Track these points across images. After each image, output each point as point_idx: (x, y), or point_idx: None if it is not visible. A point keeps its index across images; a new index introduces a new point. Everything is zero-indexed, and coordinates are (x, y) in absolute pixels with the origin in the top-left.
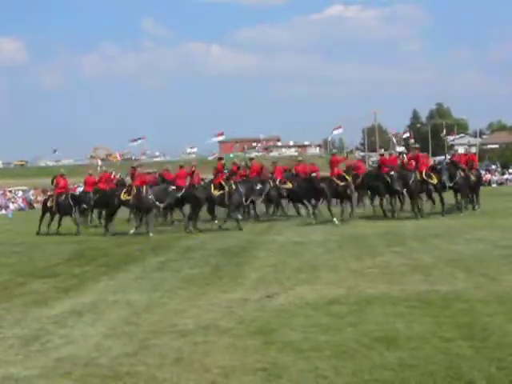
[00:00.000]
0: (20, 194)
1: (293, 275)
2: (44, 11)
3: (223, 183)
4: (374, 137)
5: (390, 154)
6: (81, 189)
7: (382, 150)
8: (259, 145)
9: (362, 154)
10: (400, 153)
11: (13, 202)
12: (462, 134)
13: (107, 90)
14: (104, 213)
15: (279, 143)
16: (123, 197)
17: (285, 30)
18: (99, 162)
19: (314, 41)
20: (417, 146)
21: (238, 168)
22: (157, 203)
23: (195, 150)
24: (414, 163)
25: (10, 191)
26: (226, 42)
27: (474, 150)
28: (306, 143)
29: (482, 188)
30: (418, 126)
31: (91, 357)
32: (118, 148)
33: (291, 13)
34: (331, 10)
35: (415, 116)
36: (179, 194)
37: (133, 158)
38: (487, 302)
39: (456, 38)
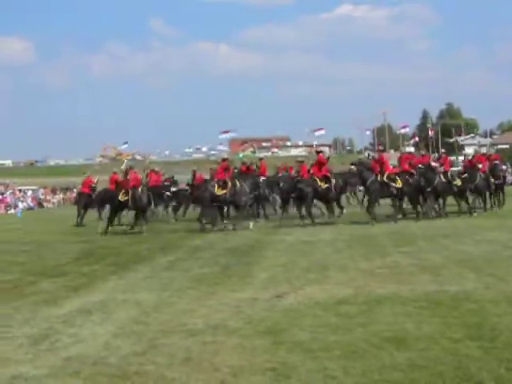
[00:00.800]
0: (29, 193)
1: (302, 275)
2: (51, 11)
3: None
4: (384, 137)
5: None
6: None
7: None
8: (267, 144)
9: (372, 154)
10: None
11: (22, 201)
12: (472, 134)
13: (114, 90)
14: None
15: (288, 143)
16: (121, 198)
17: (292, 29)
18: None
19: (322, 40)
20: (380, 148)
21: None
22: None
23: (204, 149)
24: (378, 167)
25: (20, 190)
26: (233, 41)
27: (484, 150)
28: (315, 143)
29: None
30: (429, 126)
31: (100, 356)
32: (126, 147)
33: (299, 12)
34: (341, 10)
35: (425, 116)
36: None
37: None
38: (496, 302)
39: (463, 37)
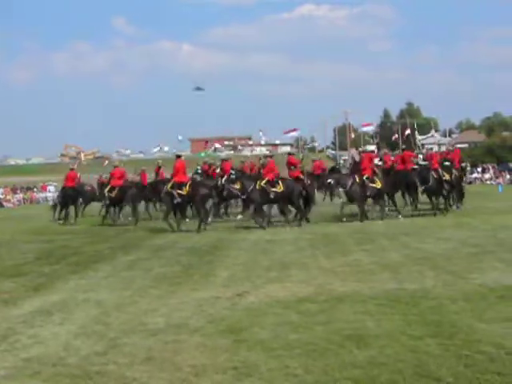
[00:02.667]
0: None
1: (263, 273)
2: (13, 7)
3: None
4: (345, 136)
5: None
6: (52, 187)
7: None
8: (225, 143)
9: (333, 152)
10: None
11: None
12: (431, 134)
13: (77, 88)
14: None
15: (250, 142)
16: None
17: (255, 28)
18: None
19: (284, 40)
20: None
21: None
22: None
23: (166, 148)
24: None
25: None
26: (196, 40)
27: (443, 149)
28: (278, 142)
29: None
30: (389, 124)
31: (60, 356)
32: (87, 146)
33: (261, 12)
34: (302, 9)
35: (386, 115)
36: None
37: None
38: (455, 299)
39: (425, 37)
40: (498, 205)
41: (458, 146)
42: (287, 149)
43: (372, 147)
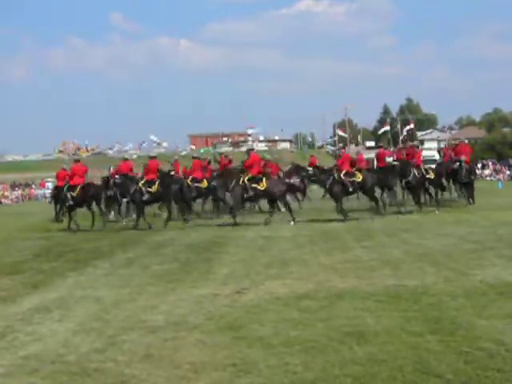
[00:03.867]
0: None
1: (263, 270)
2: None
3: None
4: (345, 131)
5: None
6: (50, 184)
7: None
8: (225, 139)
9: (333, 148)
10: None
11: None
12: (431, 129)
13: (74, 85)
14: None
15: (249, 138)
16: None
17: (253, 24)
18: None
19: (282, 36)
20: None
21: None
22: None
23: (165, 144)
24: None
25: None
26: (195, 36)
27: (442, 145)
28: (277, 138)
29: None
30: (388, 120)
31: (59, 354)
32: (88, 143)
33: (260, 7)
34: (300, 5)
35: (386, 111)
36: None
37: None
38: (455, 296)
39: (423, 32)
40: (498, 201)
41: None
42: (286, 145)
43: (372, 143)
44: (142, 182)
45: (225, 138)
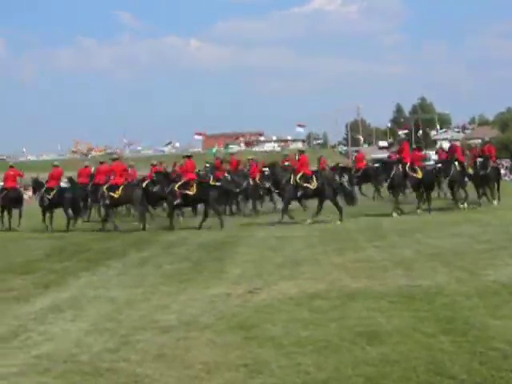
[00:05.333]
0: None
1: (275, 270)
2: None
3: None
4: (358, 131)
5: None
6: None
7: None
8: (241, 139)
9: (345, 148)
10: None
11: None
12: (445, 129)
13: (84, 84)
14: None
15: (262, 138)
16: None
17: (264, 23)
18: None
19: (294, 35)
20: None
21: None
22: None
23: (177, 144)
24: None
25: None
26: (204, 36)
27: (458, 144)
28: (289, 138)
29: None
30: (402, 120)
31: (71, 353)
32: (98, 142)
33: (271, 6)
34: (313, 4)
35: (399, 110)
36: None
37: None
38: (468, 296)
39: (434, 31)
40: (511, 201)
41: (472, 141)
42: (299, 145)
43: (384, 143)
44: (106, 186)
45: (240, 138)
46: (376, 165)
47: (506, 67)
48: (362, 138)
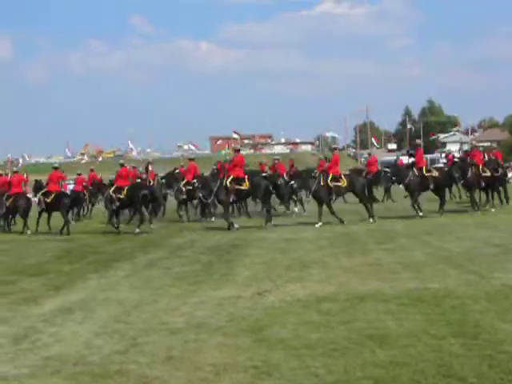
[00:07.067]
0: None
1: (284, 272)
2: (29, 6)
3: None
4: (366, 134)
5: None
6: (70, 187)
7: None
8: (245, 141)
9: (354, 151)
10: None
11: None
12: (453, 132)
13: (95, 87)
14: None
15: (270, 140)
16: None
17: (273, 26)
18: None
19: (303, 38)
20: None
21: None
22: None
23: (186, 147)
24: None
25: None
26: (214, 39)
27: (466, 147)
28: (298, 140)
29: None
30: (409, 126)
31: (81, 355)
32: (108, 145)
33: (280, 9)
34: (321, 7)
35: (407, 113)
36: None
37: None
38: (478, 299)
39: (443, 34)
40: None
41: (481, 144)
42: (308, 147)
43: (393, 146)
44: (112, 188)
45: (246, 141)
46: (386, 169)
47: None
48: (375, 142)
